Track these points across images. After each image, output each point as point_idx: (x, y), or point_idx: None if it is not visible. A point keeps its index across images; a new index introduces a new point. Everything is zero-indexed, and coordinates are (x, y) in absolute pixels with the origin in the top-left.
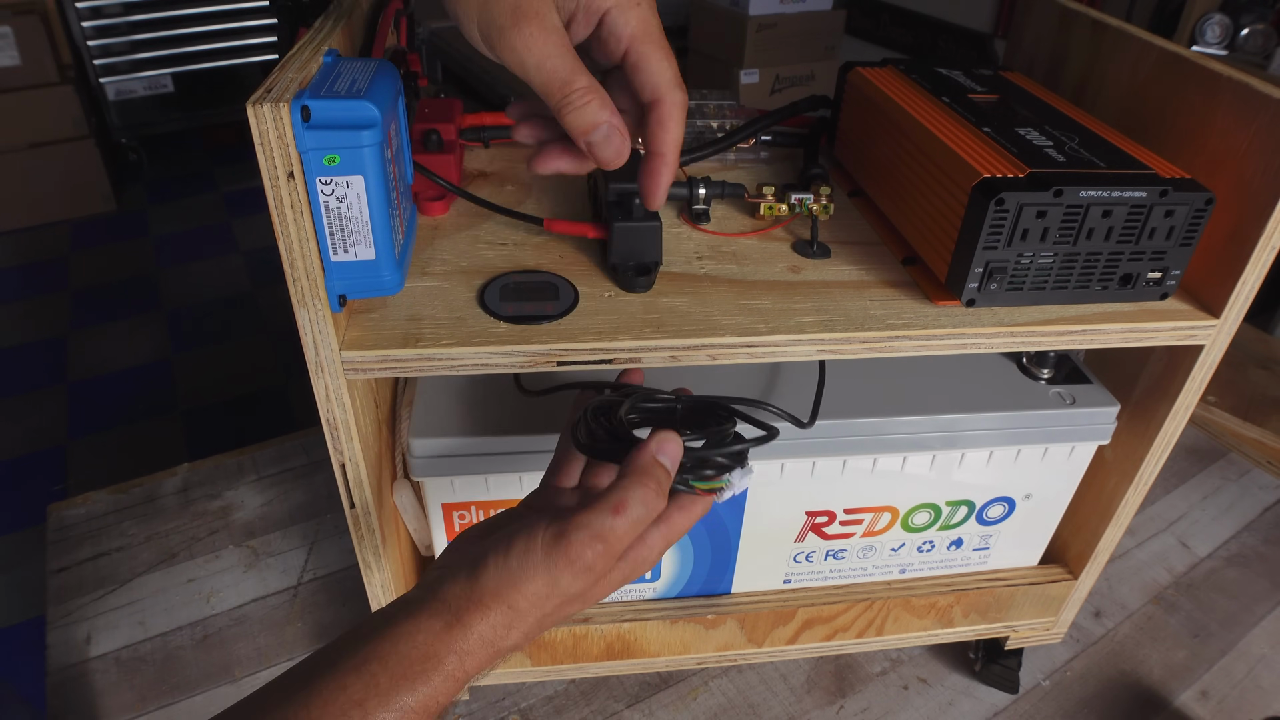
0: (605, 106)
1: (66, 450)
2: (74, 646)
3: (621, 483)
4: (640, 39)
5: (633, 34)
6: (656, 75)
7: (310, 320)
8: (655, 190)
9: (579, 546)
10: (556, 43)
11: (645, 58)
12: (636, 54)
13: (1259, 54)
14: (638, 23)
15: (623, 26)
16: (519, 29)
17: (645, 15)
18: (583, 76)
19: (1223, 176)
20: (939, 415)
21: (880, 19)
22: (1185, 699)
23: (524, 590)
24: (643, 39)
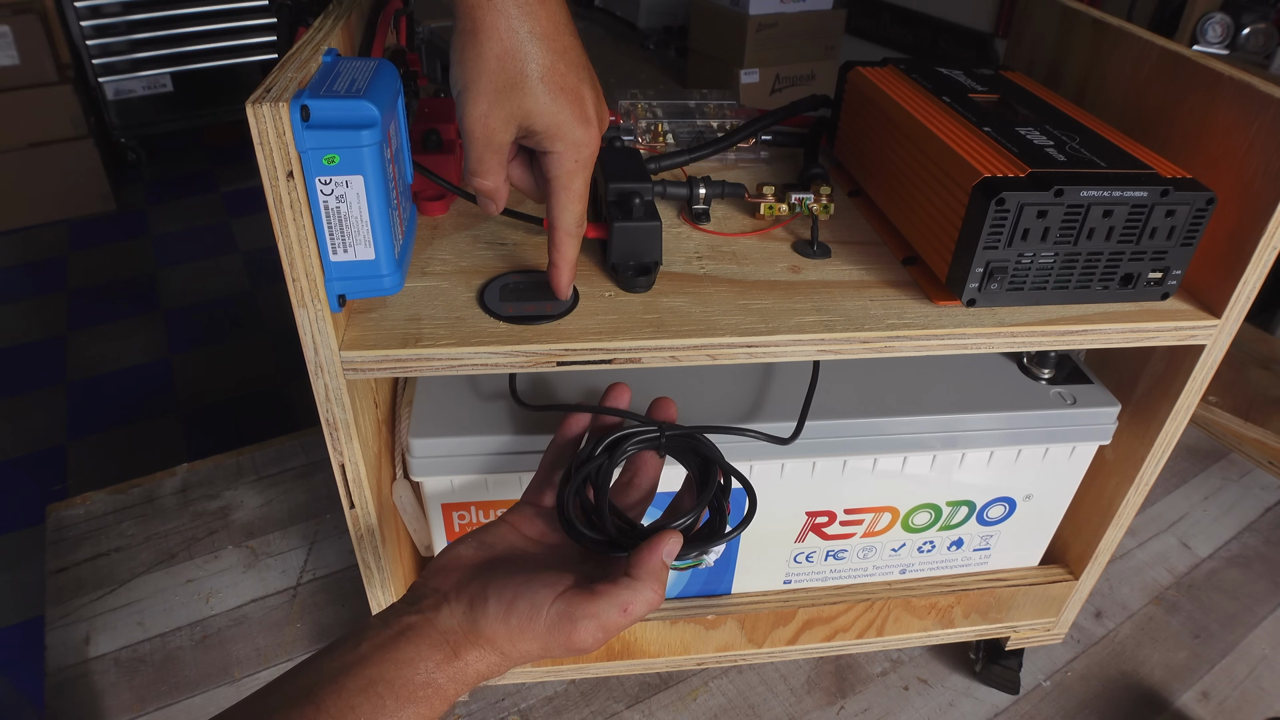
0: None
1: (66, 450)
2: (73, 647)
3: (634, 585)
4: (559, 181)
5: (555, 176)
6: (558, 211)
7: (310, 320)
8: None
9: (582, 633)
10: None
11: (556, 197)
12: (553, 189)
13: (1260, 53)
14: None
15: (553, 169)
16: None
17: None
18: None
19: (1224, 176)
20: (939, 415)
21: (881, 18)
22: (1186, 700)
23: (518, 645)
24: (561, 182)
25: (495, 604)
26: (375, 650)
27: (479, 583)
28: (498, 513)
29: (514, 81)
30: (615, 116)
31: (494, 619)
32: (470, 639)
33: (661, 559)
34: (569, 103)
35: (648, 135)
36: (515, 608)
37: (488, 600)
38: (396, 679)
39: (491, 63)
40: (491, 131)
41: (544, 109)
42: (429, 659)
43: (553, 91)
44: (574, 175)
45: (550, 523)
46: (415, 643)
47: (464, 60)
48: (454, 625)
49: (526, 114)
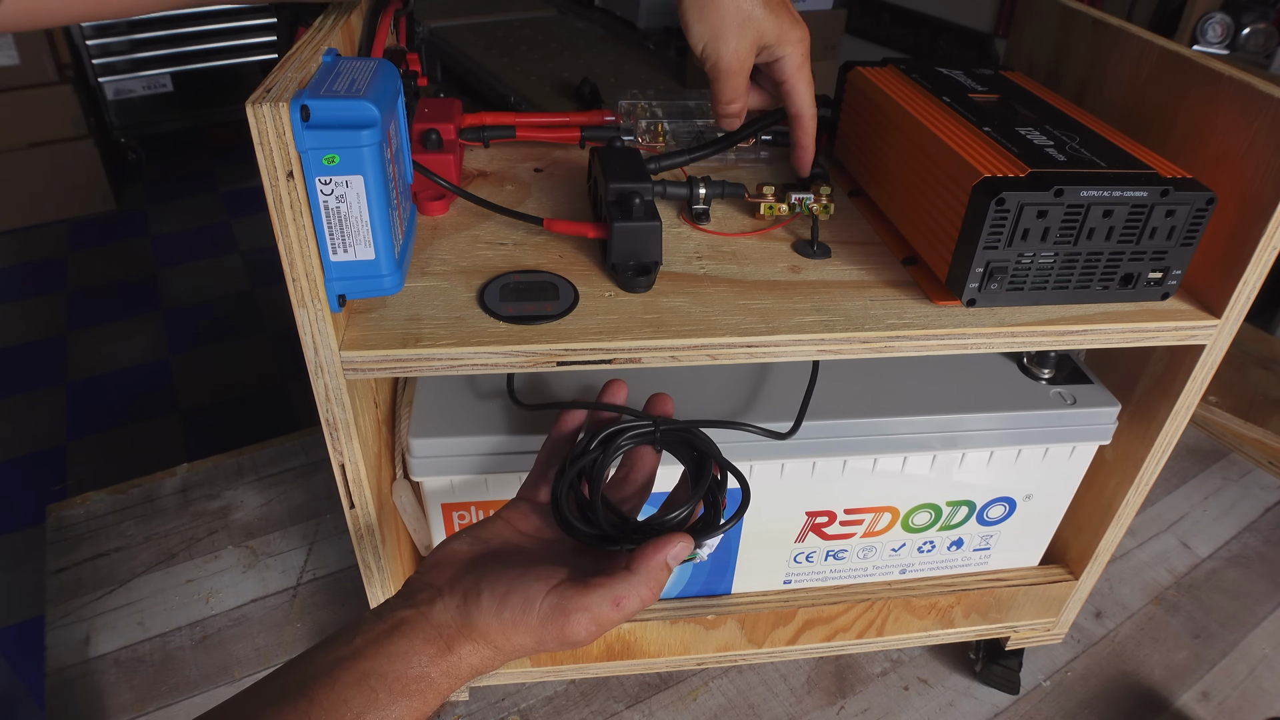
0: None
1: (66, 450)
2: (73, 647)
3: (630, 579)
4: (795, 75)
5: (792, 72)
6: (800, 100)
7: (310, 320)
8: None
9: (575, 626)
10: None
11: (794, 89)
12: (790, 85)
13: (1260, 53)
14: (796, 66)
15: (786, 68)
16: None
17: (801, 61)
18: (741, 99)
19: (1224, 176)
20: (939, 415)
21: (881, 18)
22: (1186, 700)
23: (511, 639)
24: (797, 76)
25: (489, 598)
26: (369, 644)
27: (472, 577)
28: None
29: (748, 15)
30: (615, 117)
31: (487, 613)
32: (464, 633)
33: (665, 559)
34: (784, 14)
35: (648, 135)
36: (508, 601)
37: (481, 594)
38: (389, 672)
39: (729, 8)
40: (744, 61)
41: (773, 26)
42: (422, 653)
43: (772, 10)
44: (803, 66)
45: (545, 518)
46: (409, 636)
47: (705, 16)
48: (448, 619)
49: (761, 34)
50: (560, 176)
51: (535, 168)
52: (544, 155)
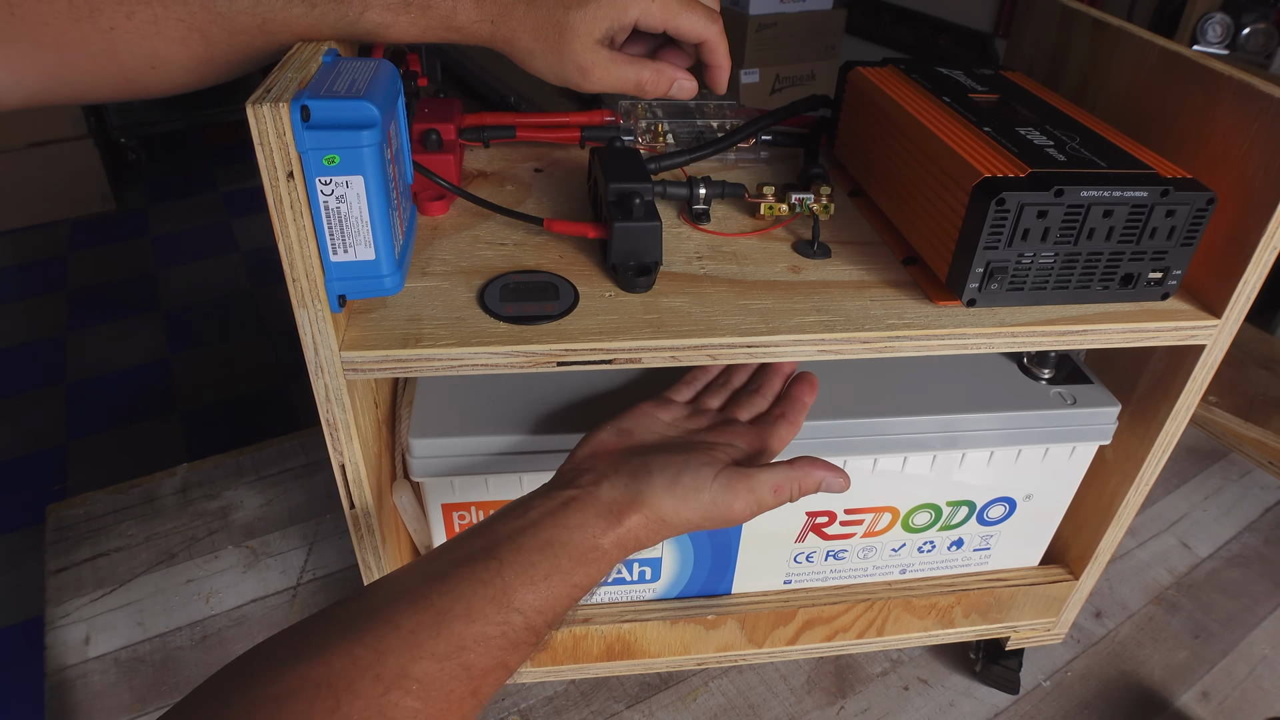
0: (663, 74)
1: (66, 450)
2: (73, 647)
3: (789, 471)
4: (667, 20)
5: (661, 22)
6: (690, 30)
7: (310, 320)
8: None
9: (740, 504)
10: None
11: (679, 28)
12: (673, 29)
13: (1260, 53)
14: (660, 13)
15: (652, 23)
16: (588, 78)
17: (663, 4)
18: (641, 71)
19: (1224, 176)
20: (939, 415)
21: (881, 18)
22: (1186, 700)
23: (680, 512)
24: (669, 19)
25: (660, 476)
26: (545, 517)
27: (639, 460)
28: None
29: (559, 31)
30: (615, 117)
31: (659, 489)
32: (633, 506)
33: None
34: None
35: (648, 135)
36: (680, 480)
37: (652, 473)
38: (569, 542)
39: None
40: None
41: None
42: (595, 525)
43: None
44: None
45: (685, 410)
46: (581, 511)
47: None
48: (616, 496)
49: (590, 31)
50: (560, 176)
51: (535, 168)
52: (544, 155)
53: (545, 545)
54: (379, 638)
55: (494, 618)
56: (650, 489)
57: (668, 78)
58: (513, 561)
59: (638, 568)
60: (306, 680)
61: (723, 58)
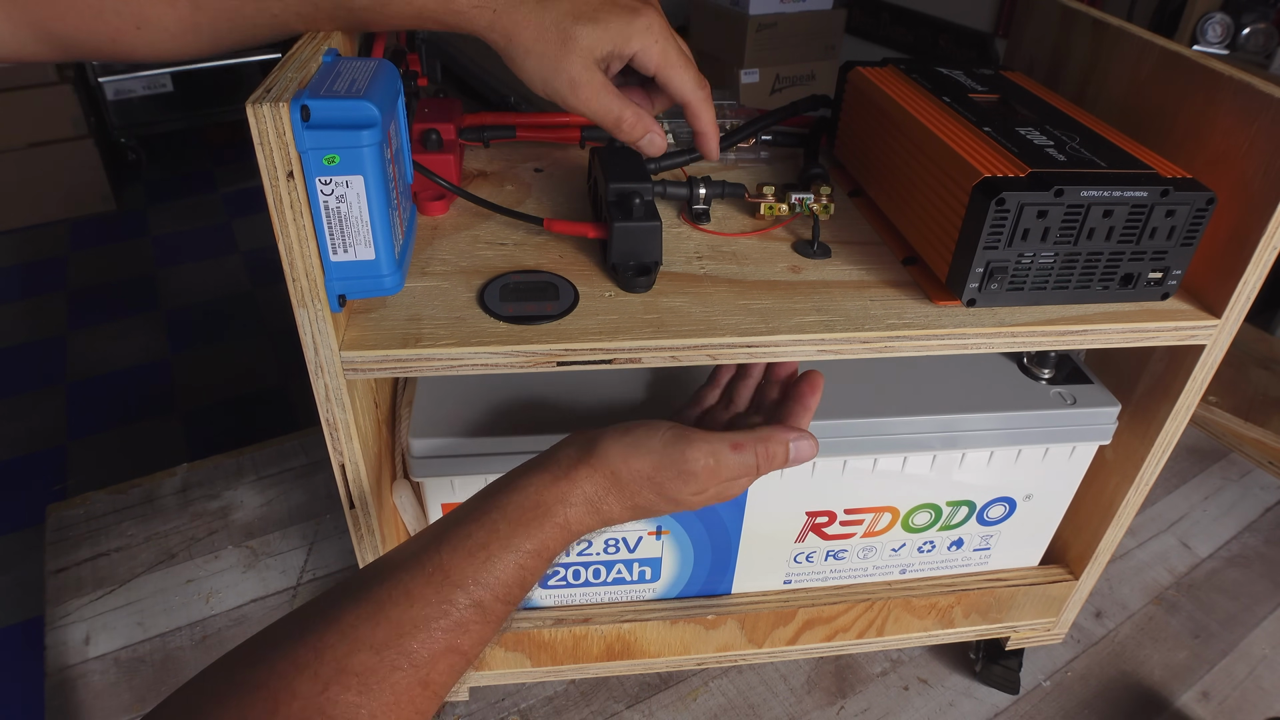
0: (641, 120)
1: (66, 450)
2: (73, 647)
3: (754, 434)
4: (663, 66)
5: (657, 64)
6: (680, 88)
7: (310, 320)
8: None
9: (694, 453)
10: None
11: (669, 79)
12: (663, 77)
13: (1260, 53)
14: (659, 56)
15: (648, 62)
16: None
17: (663, 48)
18: (625, 109)
19: (1224, 176)
20: (939, 415)
21: (881, 18)
22: (1186, 700)
23: (631, 465)
24: (665, 66)
25: (613, 431)
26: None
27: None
28: None
29: (562, 40)
30: None
31: (610, 439)
32: (582, 461)
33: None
34: (610, 15)
35: None
36: (632, 430)
37: (605, 432)
38: (508, 504)
39: (537, 47)
40: (590, 85)
41: (600, 36)
42: (538, 482)
43: (592, 19)
44: (665, 53)
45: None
46: (529, 473)
47: (521, 64)
48: (569, 454)
49: (590, 50)
50: (560, 176)
51: (535, 168)
52: (544, 155)
53: (483, 513)
54: (319, 635)
55: (431, 598)
56: (600, 444)
57: (644, 126)
58: (449, 537)
59: (638, 568)
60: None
61: (708, 125)
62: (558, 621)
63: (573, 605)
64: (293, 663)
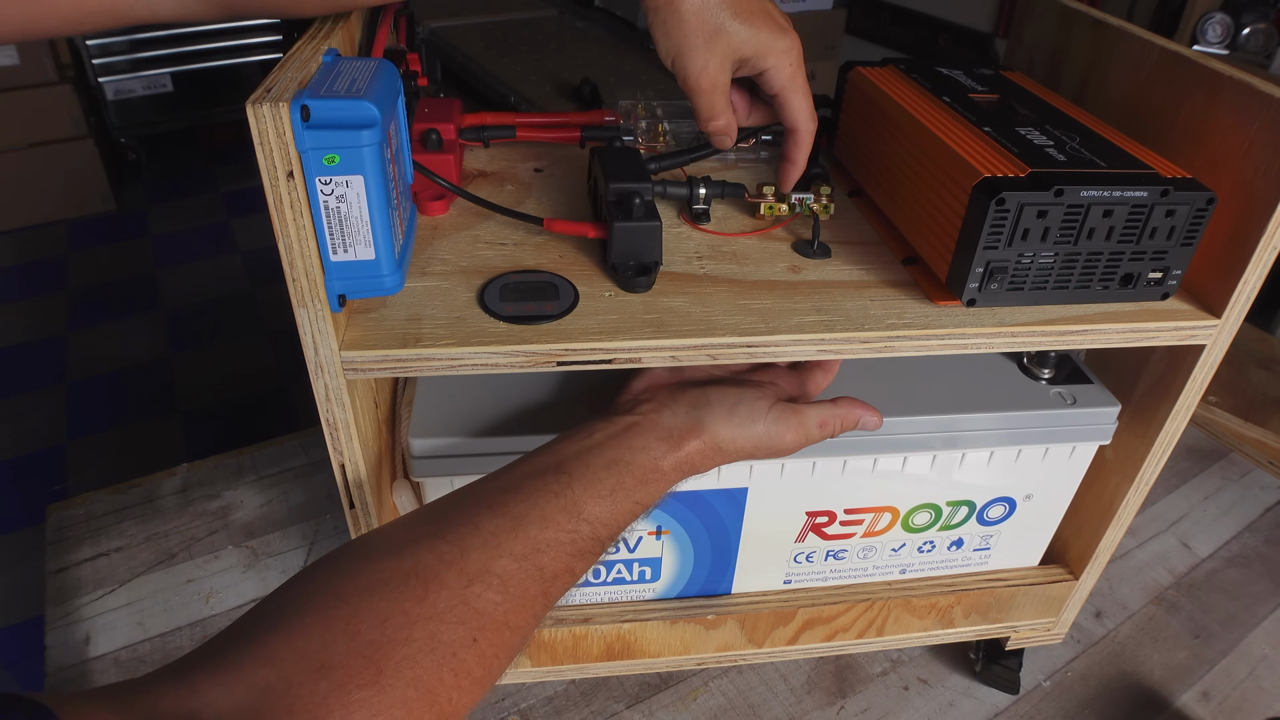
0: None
1: (66, 450)
2: (73, 647)
3: (833, 409)
4: (788, 90)
5: (783, 85)
6: (795, 114)
7: (310, 320)
8: (787, 184)
9: (790, 436)
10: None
11: (788, 102)
12: (784, 98)
13: (1260, 53)
14: (787, 79)
15: (775, 80)
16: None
17: (794, 73)
18: (726, 116)
19: (1224, 176)
20: (939, 415)
21: (880, 18)
22: (1186, 700)
23: (736, 440)
24: (790, 90)
25: (719, 406)
26: (609, 439)
27: (697, 390)
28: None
29: (715, 28)
30: (615, 116)
31: (718, 417)
32: (694, 432)
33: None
34: (764, 23)
35: (648, 135)
36: (738, 409)
37: (711, 403)
38: (632, 462)
39: (692, 21)
40: (715, 78)
41: (747, 38)
42: (657, 448)
43: (747, 20)
44: (794, 77)
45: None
46: (644, 435)
47: (668, 30)
48: (677, 423)
49: (735, 49)
50: (560, 176)
51: (535, 168)
52: (544, 155)
53: (611, 464)
54: (461, 537)
55: (565, 525)
56: (710, 416)
57: (730, 137)
58: (581, 476)
59: (638, 568)
60: (396, 572)
61: (801, 157)
62: (558, 621)
63: (573, 605)
64: (439, 556)
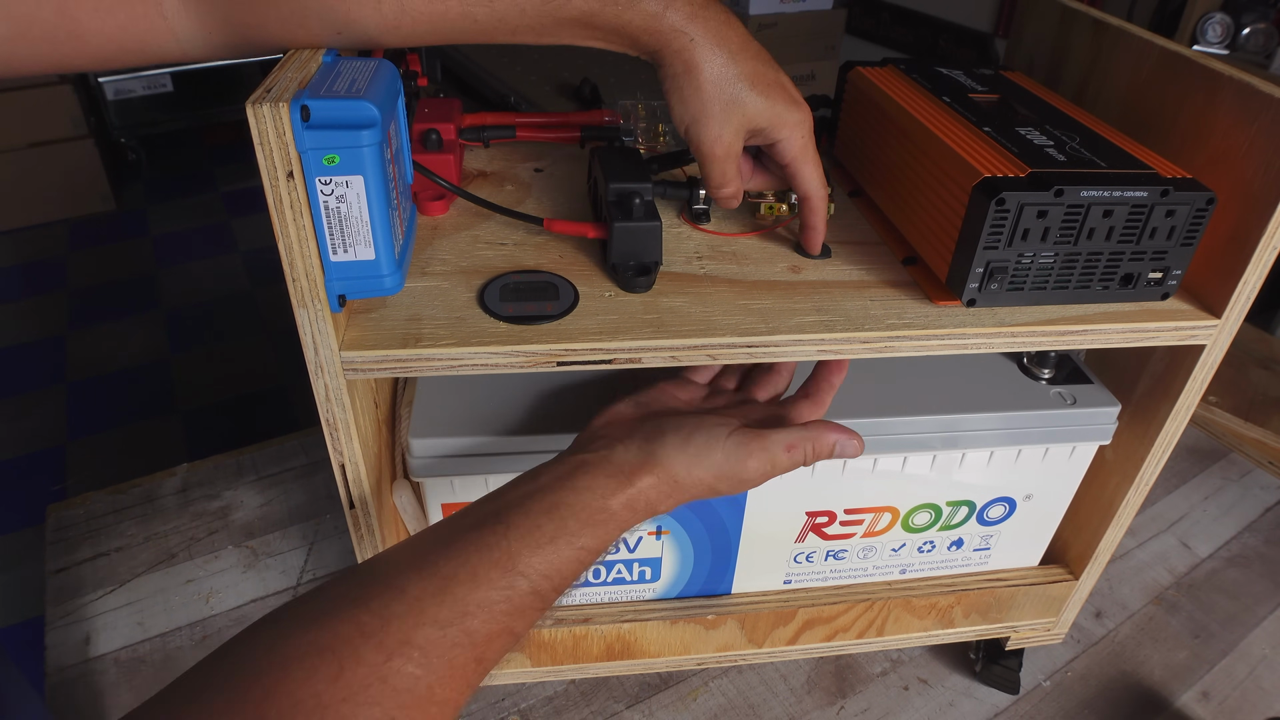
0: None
1: (66, 450)
2: (73, 647)
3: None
4: (799, 161)
5: (794, 156)
6: (806, 184)
7: (310, 320)
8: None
9: (752, 463)
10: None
11: (799, 172)
12: (795, 169)
13: (1260, 53)
14: (798, 150)
15: (787, 151)
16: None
17: (804, 145)
18: (735, 184)
19: (1224, 176)
20: (939, 415)
21: (881, 18)
22: (1186, 700)
23: (693, 474)
24: (801, 161)
25: (673, 436)
26: (555, 481)
27: (652, 424)
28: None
29: (732, 99)
30: (615, 116)
31: (672, 448)
32: (646, 467)
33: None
34: (778, 96)
35: (648, 135)
36: (693, 439)
37: (665, 433)
38: (576, 504)
39: (709, 90)
40: (729, 147)
41: (763, 110)
42: (604, 486)
43: (763, 92)
44: (806, 149)
45: (704, 391)
46: (591, 474)
47: (685, 98)
48: (629, 459)
49: (750, 120)
50: (560, 176)
51: (535, 168)
52: (544, 155)
53: (552, 508)
54: (385, 604)
55: (498, 582)
56: (662, 448)
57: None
58: (519, 525)
59: (638, 568)
60: (312, 646)
61: (820, 222)
62: (558, 621)
63: (573, 605)
64: (358, 628)
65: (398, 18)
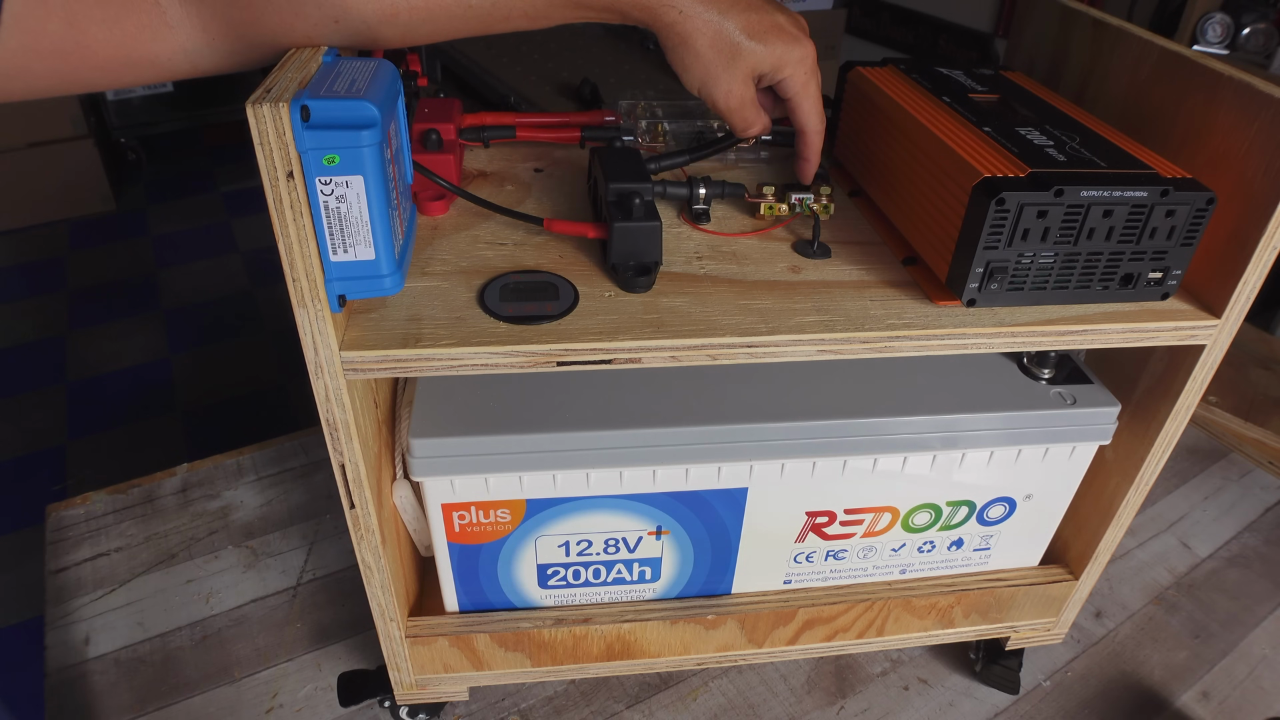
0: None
1: (66, 450)
2: (73, 647)
3: None
4: (800, 96)
5: (795, 92)
6: (804, 118)
7: (310, 320)
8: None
9: None
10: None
11: (798, 106)
12: (795, 103)
13: (1260, 53)
14: (800, 86)
15: (789, 87)
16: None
17: (805, 80)
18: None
19: (1224, 176)
20: (939, 415)
21: (881, 18)
22: (1186, 700)
23: None
24: (801, 96)
25: None
26: None
27: None
28: (499, 513)
29: (732, 54)
30: (615, 116)
31: None
32: None
33: None
34: (776, 37)
35: (648, 135)
36: None
37: None
38: None
39: (709, 54)
40: (741, 95)
41: (763, 56)
42: None
43: (760, 39)
44: (807, 84)
45: None
46: None
47: (688, 64)
48: None
49: (754, 67)
50: (560, 176)
51: (535, 168)
52: (544, 155)
53: None
54: None
55: None
56: None
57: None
58: None
59: (638, 568)
60: None
61: (814, 155)
62: (558, 621)
63: (573, 605)
64: None
65: (394, 6)
